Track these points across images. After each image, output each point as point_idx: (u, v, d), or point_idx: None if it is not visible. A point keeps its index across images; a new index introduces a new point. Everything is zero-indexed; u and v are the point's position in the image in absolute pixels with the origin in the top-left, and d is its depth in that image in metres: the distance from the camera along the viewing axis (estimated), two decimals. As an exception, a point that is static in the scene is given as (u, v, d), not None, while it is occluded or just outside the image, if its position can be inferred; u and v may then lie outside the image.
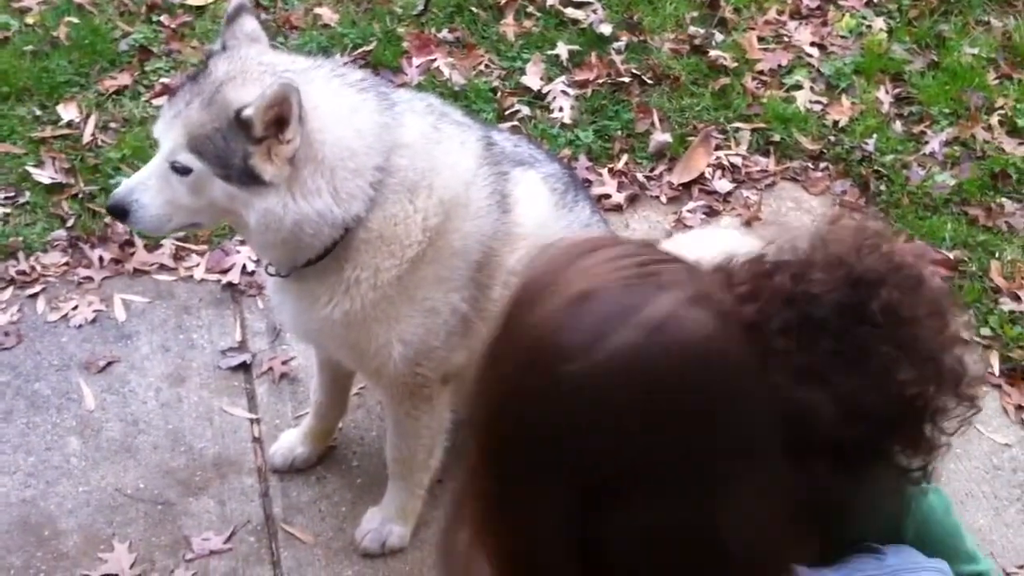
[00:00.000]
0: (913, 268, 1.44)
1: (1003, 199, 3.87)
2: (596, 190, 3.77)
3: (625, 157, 3.95)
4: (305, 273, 2.42)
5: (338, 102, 2.34)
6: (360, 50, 4.19)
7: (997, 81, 4.34)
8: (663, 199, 3.86)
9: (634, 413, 1.18)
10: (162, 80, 4.04)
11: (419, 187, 2.38)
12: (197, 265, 3.42)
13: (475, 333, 2.46)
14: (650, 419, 1.18)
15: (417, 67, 4.14)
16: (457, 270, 2.45)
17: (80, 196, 3.57)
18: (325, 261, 2.38)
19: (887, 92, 4.26)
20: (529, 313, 1.24)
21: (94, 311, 3.27)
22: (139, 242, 3.44)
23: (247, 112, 2.20)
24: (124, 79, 4.02)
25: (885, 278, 1.40)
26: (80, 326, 3.23)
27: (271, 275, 2.51)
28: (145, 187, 2.36)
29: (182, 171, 2.29)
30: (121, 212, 2.39)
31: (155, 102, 3.93)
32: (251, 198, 2.27)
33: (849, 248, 1.44)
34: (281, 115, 2.20)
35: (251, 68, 2.31)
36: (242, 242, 3.41)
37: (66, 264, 3.39)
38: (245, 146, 2.23)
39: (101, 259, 3.40)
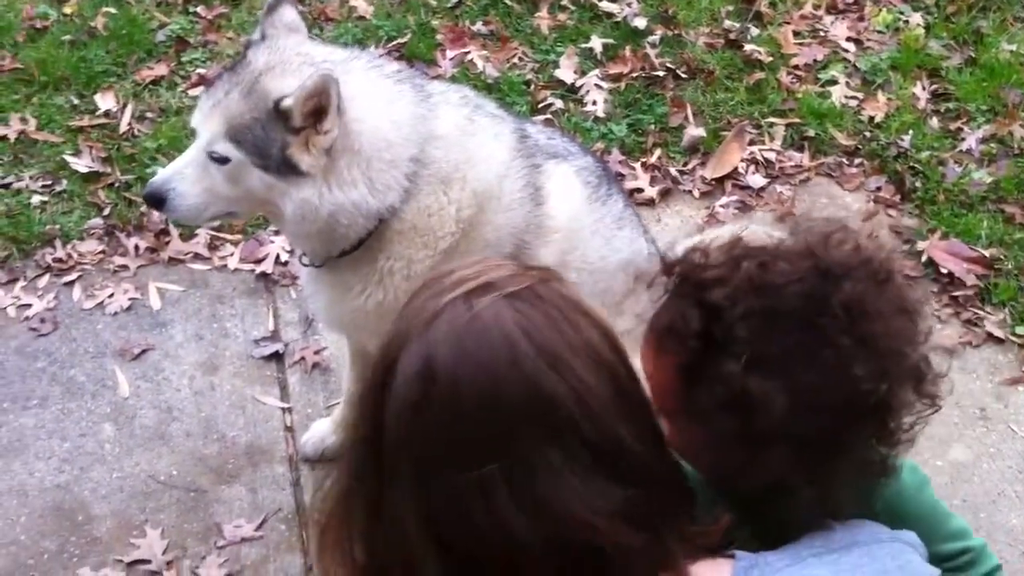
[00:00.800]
0: (883, 263, 1.43)
1: (1040, 197, 3.83)
2: (629, 184, 3.76)
3: (658, 151, 3.94)
4: (339, 263, 2.43)
5: (375, 93, 2.35)
6: (394, 42, 4.20)
7: (1035, 77, 4.29)
8: (696, 194, 3.85)
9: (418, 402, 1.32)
10: (198, 71, 4.06)
11: (453, 178, 2.38)
12: (231, 254, 3.44)
13: None
14: (430, 407, 1.31)
15: (451, 59, 4.15)
16: None
17: (116, 185, 3.61)
18: (359, 251, 2.39)
19: (923, 88, 4.22)
20: None
21: (129, 299, 3.30)
22: (174, 231, 3.47)
23: (286, 102, 2.21)
24: (161, 69, 4.06)
25: (851, 271, 1.40)
26: (115, 314, 3.26)
27: (305, 265, 2.52)
28: (182, 176, 2.37)
29: (220, 160, 2.30)
30: (158, 200, 2.39)
31: (191, 92, 3.96)
32: (288, 188, 2.27)
33: (818, 240, 1.44)
34: (320, 106, 2.21)
35: (290, 59, 2.31)
36: (276, 232, 3.44)
37: (102, 252, 3.43)
38: (283, 136, 2.24)
39: (137, 248, 3.43)
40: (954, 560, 1.61)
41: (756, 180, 3.89)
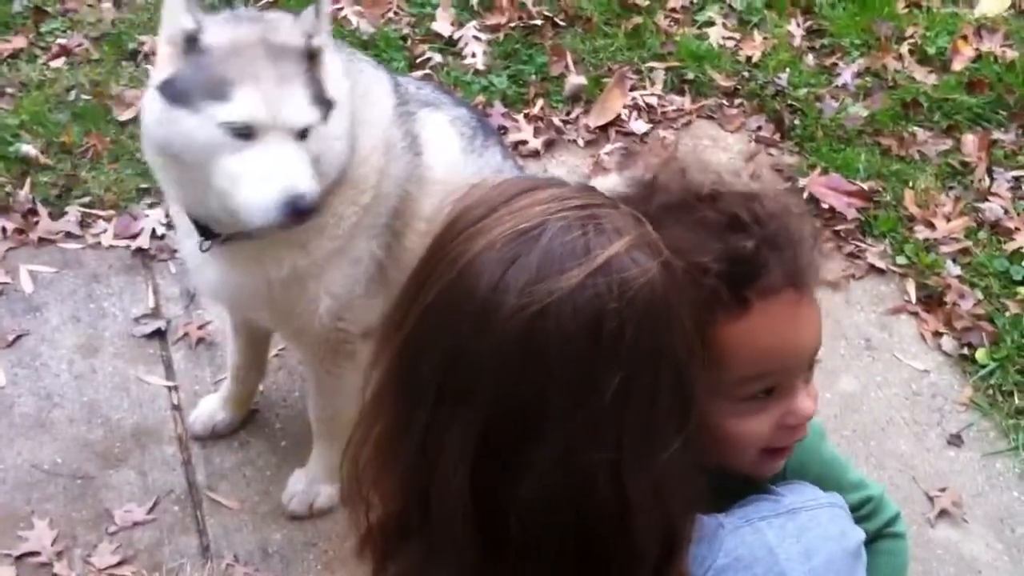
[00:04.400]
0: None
1: (915, 128, 3.90)
2: (512, 136, 3.73)
3: (541, 102, 3.90)
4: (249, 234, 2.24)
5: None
6: (263, 1, 4.08)
7: (906, 9, 4.36)
8: (580, 143, 3.83)
9: (566, 354, 1.18)
10: (59, 41, 3.90)
11: (362, 125, 2.30)
12: (104, 231, 3.30)
13: (391, 282, 2.40)
14: (583, 365, 1.18)
15: (324, 17, 4.04)
16: (379, 216, 2.38)
17: (-22, 166, 3.45)
18: None
19: (798, 25, 4.26)
20: (464, 243, 1.23)
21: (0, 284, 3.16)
22: (43, 210, 3.32)
23: (315, 42, 2.16)
24: (19, 42, 3.88)
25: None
26: (-15, 300, 3.13)
27: (207, 241, 2.29)
28: (302, 175, 2.09)
29: (304, 134, 2.12)
30: (304, 213, 2.08)
31: (53, 64, 3.80)
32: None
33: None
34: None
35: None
36: (150, 205, 3.33)
37: (-33, 237, 3.27)
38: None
39: (4, 230, 3.27)
40: (857, 511, 1.62)
41: (639, 126, 3.89)
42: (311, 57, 2.15)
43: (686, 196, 1.40)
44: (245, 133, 2.06)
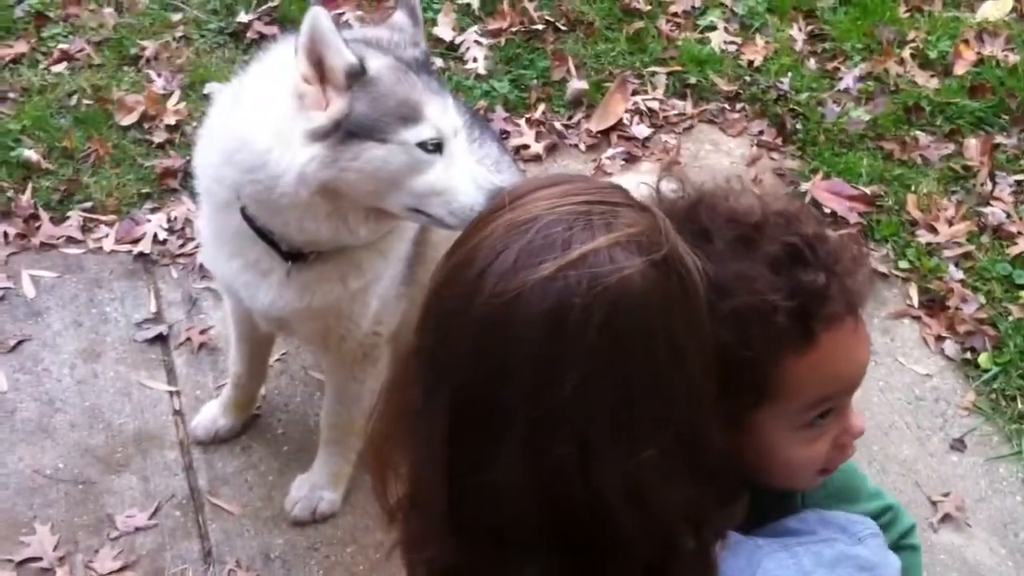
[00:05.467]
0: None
1: (917, 132, 3.90)
2: (514, 141, 3.73)
3: (542, 106, 3.91)
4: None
5: None
6: (266, 6, 4.08)
7: (908, 14, 4.37)
8: (582, 147, 3.83)
9: (529, 344, 1.18)
10: (60, 46, 3.90)
11: None
12: (106, 236, 3.30)
13: (417, 281, 2.40)
14: (544, 356, 1.18)
15: (326, 22, 4.03)
16: None
17: (-21, 171, 3.45)
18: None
19: (800, 30, 4.27)
20: (480, 229, 1.26)
21: (1, 289, 3.15)
22: (45, 215, 3.32)
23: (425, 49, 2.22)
24: (21, 47, 3.88)
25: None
26: (-13, 305, 3.13)
27: (292, 262, 2.25)
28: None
29: None
30: None
31: (55, 69, 3.80)
32: None
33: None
34: None
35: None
36: (152, 210, 3.33)
37: (-31, 242, 3.27)
38: None
39: (6, 234, 3.27)
40: (877, 520, 1.62)
41: (641, 130, 3.89)
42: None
43: (740, 228, 1.37)
44: (436, 147, 2.07)
